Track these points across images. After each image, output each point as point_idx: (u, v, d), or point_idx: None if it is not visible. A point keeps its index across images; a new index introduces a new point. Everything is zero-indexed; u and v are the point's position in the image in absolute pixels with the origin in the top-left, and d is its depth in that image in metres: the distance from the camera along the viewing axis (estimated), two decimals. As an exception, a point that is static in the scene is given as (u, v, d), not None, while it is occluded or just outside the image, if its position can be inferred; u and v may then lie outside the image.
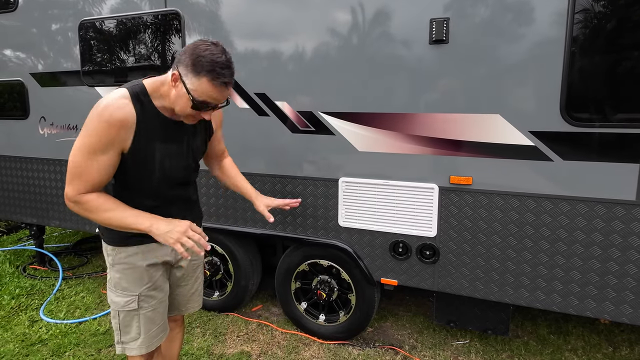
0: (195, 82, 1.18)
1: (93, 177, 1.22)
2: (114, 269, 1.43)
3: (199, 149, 1.50)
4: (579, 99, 1.79)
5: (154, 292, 1.45)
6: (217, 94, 1.20)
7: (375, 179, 2.18)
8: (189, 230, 1.26)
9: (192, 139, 1.44)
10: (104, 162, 1.22)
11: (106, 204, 1.25)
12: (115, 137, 1.21)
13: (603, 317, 1.89)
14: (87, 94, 2.87)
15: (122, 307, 1.42)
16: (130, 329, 1.44)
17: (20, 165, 3.27)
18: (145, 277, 1.43)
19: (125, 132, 1.23)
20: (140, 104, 1.25)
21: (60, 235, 4.52)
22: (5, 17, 3.11)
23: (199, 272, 1.67)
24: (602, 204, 1.80)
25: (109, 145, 1.21)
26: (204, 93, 1.19)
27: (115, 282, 1.43)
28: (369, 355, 2.38)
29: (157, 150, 1.31)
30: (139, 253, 1.41)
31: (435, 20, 1.93)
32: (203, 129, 1.50)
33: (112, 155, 1.23)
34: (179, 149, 1.39)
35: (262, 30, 2.32)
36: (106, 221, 1.26)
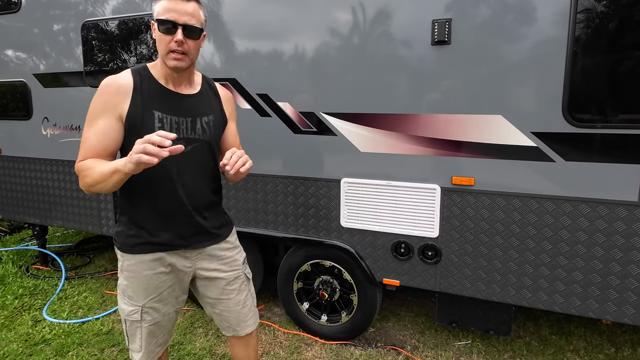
0: (157, 9, 1.25)
1: (92, 142, 1.24)
2: (122, 274, 1.40)
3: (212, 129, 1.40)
4: (581, 100, 1.79)
5: (158, 305, 1.40)
6: (173, 5, 1.23)
7: (377, 179, 2.19)
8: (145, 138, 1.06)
9: (201, 115, 1.38)
10: (102, 127, 1.24)
11: (94, 162, 1.21)
12: (110, 101, 1.25)
13: (605, 318, 1.89)
14: (90, 95, 2.84)
15: (127, 316, 1.40)
16: (135, 339, 1.42)
17: (23, 165, 3.29)
18: (150, 288, 1.38)
19: (120, 97, 1.25)
20: (140, 75, 1.31)
21: (62, 235, 4.53)
22: (8, 18, 3.12)
23: (240, 283, 1.53)
24: (604, 204, 1.80)
25: (104, 109, 1.25)
26: (163, 9, 1.23)
27: (122, 289, 1.40)
28: (371, 355, 2.38)
29: (155, 117, 1.28)
30: (145, 262, 1.36)
31: (438, 21, 1.93)
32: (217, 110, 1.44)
33: (108, 120, 1.24)
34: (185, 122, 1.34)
35: (264, 31, 2.33)
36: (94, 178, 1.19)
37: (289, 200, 2.41)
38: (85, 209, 3.08)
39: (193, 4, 1.26)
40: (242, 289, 1.55)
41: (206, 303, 1.56)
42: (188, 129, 1.34)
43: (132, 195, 1.35)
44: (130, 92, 1.26)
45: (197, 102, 1.39)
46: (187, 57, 1.28)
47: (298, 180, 2.37)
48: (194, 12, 1.26)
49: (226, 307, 1.53)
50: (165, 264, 1.39)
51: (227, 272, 1.50)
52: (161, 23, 1.23)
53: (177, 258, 1.41)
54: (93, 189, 1.22)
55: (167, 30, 1.24)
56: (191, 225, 1.40)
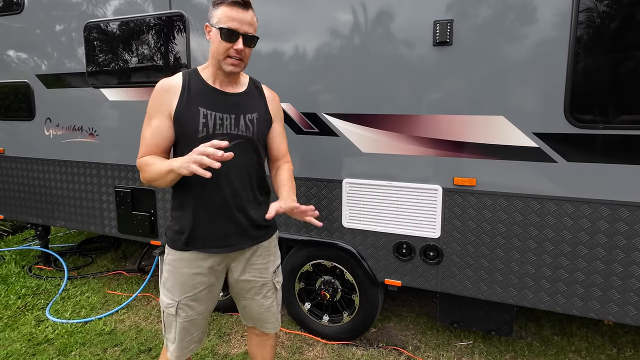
0: (218, 15, 1.30)
1: (149, 141, 1.34)
2: (165, 267, 1.45)
3: (256, 126, 1.41)
4: (583, 101, 1.79)
5: (193, 303, 1.43)
6: (235, 14, 1.29)
7: (379, 180, 2.19)
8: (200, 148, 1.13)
9: (245, 112, 1.40)
10: (156, 125, 1.33)
11: (151, 159, 1.31)
12: (161, 101, 1.34)
13: (607, 318, 1.89)
14: (92, 95, 2.89)
15: (165, 307, 1.45)
16: (171, 330, 1.47)
17: (26, 166, 3.30)
18: (187, 286, 1.41)
19: (170, 95, 1.33)
20: (189, 75, 1.39)
21: (65, 236, 4.55)
22: (11, 19, 3.13)
23: (266, 291, 1.55)
24: (606, 205, 1.80)
25: (158, 108, 1.34)
26: (225, 17, 1.29)
27: (164, 280, 1.46)
28: (372, 355, 2.39)
29: (201, 113, 1.34)
30: (184, 259, 1.40)
31: (439, 22, 1.94)
32: (261, 108, 1.46)
33: (161, 119, 1.33)
34: (229, 119, 1.36)
35: (266, 31, 2.33)
36: (152, 174, 1.29)
37: (290, 201, 2.42)
38: (88, 209, 3.09)
39: (251, 12, 1.33)
40: (268, 296, 1.57)
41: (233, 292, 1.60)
42: (232, 125, 1.37)
43: (181, 192, 1.40)
44: (179, 91, 1.34)
45: (242, 100, 1.42)
46: (242, 63, 1.36)
47: (300, 181, 2.37)
48: (252, 20, 1.33)
49: (249, 305, 1.57)
50: (204, 266, 1.42)
51: (256, 279, 1.53)
52: (224, 31, 1.29)
53: (214, 260, 1.43)
54: (153, 184, 1.32)
55: (229, 38, 1.30)
56: (233, 224, 1.41)
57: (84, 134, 2.97)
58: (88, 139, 2.97)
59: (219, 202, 1.38)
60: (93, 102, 2.89)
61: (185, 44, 2.53)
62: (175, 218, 1.44)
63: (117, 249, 4.12)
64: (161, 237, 2.84)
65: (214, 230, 1.40)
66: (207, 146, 1.12)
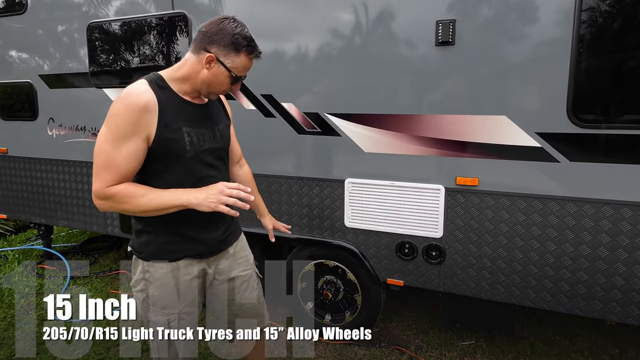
0: (236, 60, 1.26)
1: (121, 166, 1.18)
2: (152, 285, 1.33)
3: (226, 134, 1.45)
4: (585, 100, 1.79)
5: (191, 309, 1.40)
6: (251, 65, 1.31)
7: (381, 179, 2.19)
8: (224, 188, 1.19)
9: (217, 123, 1.41)
10: (131, 150, 1.18)
11: (139, 190, 1.20)
12: (138, 122, 1.18)
13: (610, 318, 1.89)
14: (95, 96, 2.89)
15: (162, 325, 1.36)
16: (170, 349, 1.39)
17: (29, 165, 3.31)
18: (186, 293, 1.37)
19: (149, 116, 1.20)
20: (159, 88, 1.26)
21: (67, 235, 4.56)
22: (14, 19, 3.14)
23: (253, 281, 1.56)
24: (609, 205, 1.80)
25: (134, 131, 1.18)
26: (244, 67, 1.29)
27: (153, 300, 1.34)
28: (374, 355, 2.39)
29: (184, 132, 1.27)
30: (179, 269, 1.35)
31: (442, 22, 1.93)
32: (224, 115, 1.49)
33: (138, 142, 1.19)
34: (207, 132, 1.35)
35: (269, 31, 2.34)
36: (143, 207, 1.19)
37: (293, 201, 2.42)
38: (91, 209, 3.10)
39: None
40: (256, 287, 1.59)
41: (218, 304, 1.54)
42: (211, 139, 1.36)
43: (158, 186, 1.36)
44: (157, 109, 1.21)
45: (210, 110, 1.41)
46: None
47: (302, 181, 2.38)
48: None
49: (242, 306, 1.54)
50: (197, 269, 1.40)
51: (244, 272, 1.54)
52: (236, 77, 1.28)
53: (206, 262, 1.43)
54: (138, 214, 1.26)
55: (235, 82, 1.31)
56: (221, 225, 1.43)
57: (87, 134, 2.98)
58: (91, 139, 2.97)
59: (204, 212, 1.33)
60: (96, 102, 2.90)
61: (187, 44, 2.53)
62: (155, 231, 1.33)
63: (119, 249, 4.13)
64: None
65: (205, 235, 1.38)
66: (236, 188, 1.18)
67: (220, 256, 1.47)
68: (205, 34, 1.24)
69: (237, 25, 1.26)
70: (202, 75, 1.26)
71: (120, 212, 1.25)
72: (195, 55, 1.26)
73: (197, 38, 1.26)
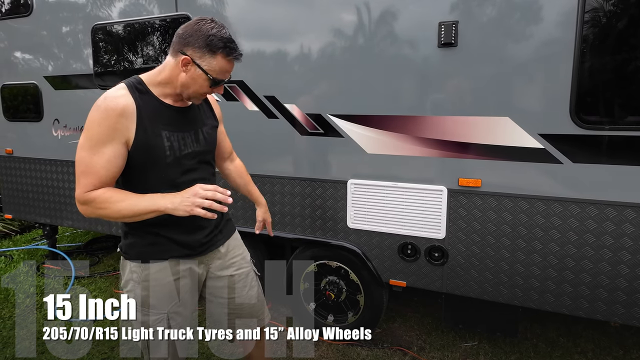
0: (212, 62, 1.21)
1: (99, 172, 1.17)
2: (139, 286, 1.35)
3: (211, 136, 1.43)
4: (588, 101, 1.79)
5: (181, 309, 1.40)
6: (230, 68, 1.26)
7: (384, 180, 2.20)
8: (200, 190, 1.16)
9: (202, 126, 1.40)
10: (109, 155, 1.17)
11: (117, 195, 1.19)
12: (116, 126, 1.17)
13: (613, 320, 1.89)
14: (99, 97, 2.91)
15: (151, 326, 1.36)
16: (159, 349, 1.39)
17: (34, 166, 3.34)
18: (173, 293, 1.37)
19: (126, 121, 1.18)
20: (139, 92, 1.24)
21: (71, 235, 4.59)
22: (20, 21, 3.17)
23: (250, 279, 1.55)
24: (612, 206, 1.79)
25: (111, 135, 1.17)
26: (222, 70, 1.24)
27: (142, 300, 1.35)
28: (377, 356, 2.39)
29: (164, 136, 1.26)
30: (166, 269, 1.35)
31: (444, 24, 1.94)
32: (210, 116, 1.47)
33: (116, 147, 1.18)
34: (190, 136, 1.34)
35: (271, 33, 2.34)
36: (121, 212, 1.18)
37: (295, 201, 2.43)
38: (95, 209, 3.12)
39: None
40: (254, 285, 1.58)
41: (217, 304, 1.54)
42: (193, 142, 1.35)
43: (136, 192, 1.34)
44: (135, 113, 1.20)
45: (194, 113, 1.39)
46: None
47: (305, 182, 2.38)
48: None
49: (240, 304, 1.54)
50: (184, 269, 1.40)
51: (240, 271, 1.53)
52: (214, 80, 1.24)
53: (192, 263, 1.42)
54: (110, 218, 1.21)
55: (215, 85, 1.26)
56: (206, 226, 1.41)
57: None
58: (95, 140, 2.99)
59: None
60: (100, 104, 2.92)
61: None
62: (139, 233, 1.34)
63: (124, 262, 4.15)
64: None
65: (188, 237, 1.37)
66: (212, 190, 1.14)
67: (212, 256, 1.46)
68: (181, 36, 1.21)
69: (214, 26, 1.21)
70: (181, 78, 1.24)
71: (103, 218, 1.22)
72: (173, 58, 1.24)
73: (174, 40, 1.24)
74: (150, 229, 1.32)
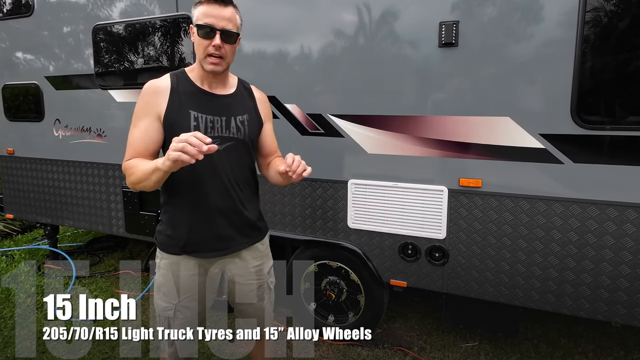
0: (196, 14, 1.30)
1: (135, 143, 1.30)
2: (159, 271, 1.44)
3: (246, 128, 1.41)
4: (589, 101, 1.78)
5: (191, 304, 1.44)
6: (212, 10, 1.28)
7: (384, 181, 2.19)
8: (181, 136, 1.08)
9: (237, 114, 1.40)
10: (143, 127, 1.30)
11: (136, 161, 1.27)
12: (150, 102, 1.31)
13: (614, 320, 1.88)
14: (100, 97, 2.92)
15: (161, 311, 1.44)
16: (166, 334, 1.45)
17: (35, 166, 3.35)
18: (185, 288, 1.41)
19: (159, 97, 1.31)
20: (177, 77, 1.36)
21: (72, 235, 4.60)
22: (21, 22, 3.18)
23: (262, 292, 1.55)
24: (613, 206, 1.79)
25: (146, 110, 1.31)
26: (202, 14, 1.28)
27: (159, 285, 1.44)
28: (378, 356, 2.39)
29: (191, 116, 1.32)
30: (180, 263, 1.40)
31: (445, 24, 1.94)
32: (252, 110, 1.46)
33: (150, 121, 1.30)
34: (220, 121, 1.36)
35: (272, 33, 2.34)
36: (138, 177, 1.24)
37: (296, 202, 2.43)
38: (96, 209, 3.13)
39: (230, 8, 1.31)
40: (263, 297, 1.57)
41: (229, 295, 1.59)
42: (222, 128, 1.37)
43: (172, 194, 1.39)
44: (168, 93, 1.32)
45: (232, 102, 1.41)
46: (223, 61, 1.33)
47: (305, 182, 2.38)
48: (231, 17, 1.30)
49: (246, 308, 1.57)
50: (199, 268, 1.42)
51: (252, 281, 1.53)
52: (200, 28, 1.28)
53: (209, 262, 1.44)
54: (138, 187, 1.26)
55: (206, 35, 1.28)
56: (227, 226, 1.41)
57: (92, 135, 3.01)
58: (96, 140, 3.00)
59: (211, 205, 1.37)
60: (101, 104, 2.93)
61: (192, 46, 2.55)
62: (166, 222, 1.41)
63: (123, 249, 4.16)
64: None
65: (209, 234, 1.39)
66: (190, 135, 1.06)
67: (229, 260, 1.47)
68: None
69: None
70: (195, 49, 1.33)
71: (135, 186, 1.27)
72: None
73: None
74: (172, 223, 1.40)
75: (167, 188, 1.38)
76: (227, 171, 1.38)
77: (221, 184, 1.37)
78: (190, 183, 1.35)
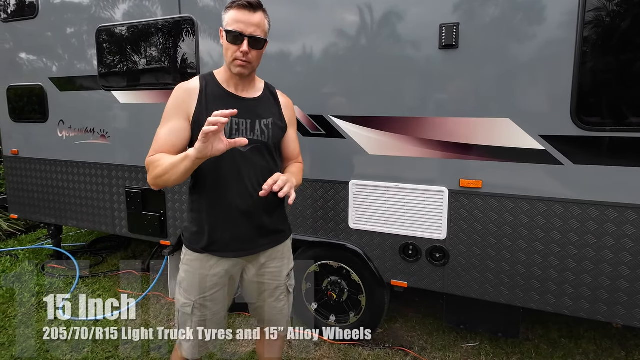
0: (226, 19, 1.34)
1: (160, 140, 1.33)
2: (182, 267, 1.48)
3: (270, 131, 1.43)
4: (589, 103, 1.79)
5: (209, 304, 1.46)
6: (242, 16, 1.31)
7: (385, 181, 2.21)
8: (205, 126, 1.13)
9: (262, 118, 1.42)
10: (172, 126, 1.34)
11: (161, 155, 1.30)
12: (180, 102, 1.36)
13: (615, 321, 1.89)
14: (104, 98, 2.94)
15: (180, 307, 1.47)
16: (185, 330, 1.48)
17: (39, 167, 3.38)
18: (204, 286, 1.44)
19: (189, 98, 1.36)
20: (205, 80, 1.42)
21: (76, 235, 4.63)
22: (26, 24, 3.21)
23: (279, 294, 1.57)
24: (613, 207, 1.80)
25: (176, 110, 1.35)
26: (232, 20, 1.32)
27: (180, 280, 1.48)
28: (379, 356, 2.40)
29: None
30: (202, 261, 1.43)
31: (445, 26, 1.95)
32: (276, 114, 1.48)
33: (179, 121, 1.34)
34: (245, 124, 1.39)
35: (274, 34, 2.32)
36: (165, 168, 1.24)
37: (297, 202, 2.45)
38: (99, 210, 3.15)
39: (259, 14, 1.34)
40: (281, 299, 1.59)
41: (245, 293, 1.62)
42: (247, 130, 1.40)
43: (199, 194, 1.43)
44: (197, 94, 1.37)
45: (257, 105, 1.45)
46: (250, 65, 1.37)
47: (307, 182, 2.40)
48: (259, 22, 1.34)
49: (261, 307, 1.59)
50: (221, 268, 1.45)
51: (270, 282, 1.55)
52: (229, 33, 1.32)
53: (231, 263, 1.46)
54: (161, 180, 1.27)
55: (234, 40, 1.32)
56: (250, 227, 1.43)
57: (96, 136, 3.03)
58: (100, 141, 3.03)
59: (236, 205, 1.40)
60: (105, 105, 2.96)
61: (194, 47, 2.57)
62: (192, 220, 1.46)
63: (126, 249, 4.18)
64: (170, 237, 2.89)
65: (231, 234, 1.42)
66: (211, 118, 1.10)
67: (250, 259, 1.50)
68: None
69: None
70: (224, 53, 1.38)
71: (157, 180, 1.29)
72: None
73: None
74: (197, 222, 1.44)
75: (195, 189, 1.44)
76: (251, 174, 1.40)
77: (244, 186, 1.40)
78: (215, 184, 1.39)
